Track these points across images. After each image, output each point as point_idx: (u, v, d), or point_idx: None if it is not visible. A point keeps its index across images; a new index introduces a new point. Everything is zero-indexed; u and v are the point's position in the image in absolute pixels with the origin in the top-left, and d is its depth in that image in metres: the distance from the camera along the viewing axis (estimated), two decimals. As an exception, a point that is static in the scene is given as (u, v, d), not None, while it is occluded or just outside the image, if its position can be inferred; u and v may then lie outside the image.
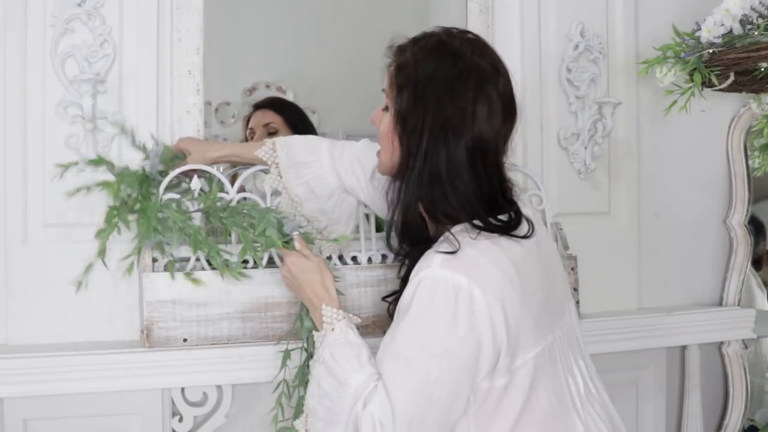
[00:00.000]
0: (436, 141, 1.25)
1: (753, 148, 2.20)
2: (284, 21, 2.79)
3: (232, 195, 1.61)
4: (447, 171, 1.25)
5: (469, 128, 1.25)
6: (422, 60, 1.28)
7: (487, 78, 1.27)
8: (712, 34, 1.66)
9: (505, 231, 1.25)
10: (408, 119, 1.27)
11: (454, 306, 1.19)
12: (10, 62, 1.57)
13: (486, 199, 1.27)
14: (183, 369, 1.56)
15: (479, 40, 1.33)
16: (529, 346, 1.25)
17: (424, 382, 1.19)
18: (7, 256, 1.57)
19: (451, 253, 1.21)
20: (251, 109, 2.43)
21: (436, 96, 1.25)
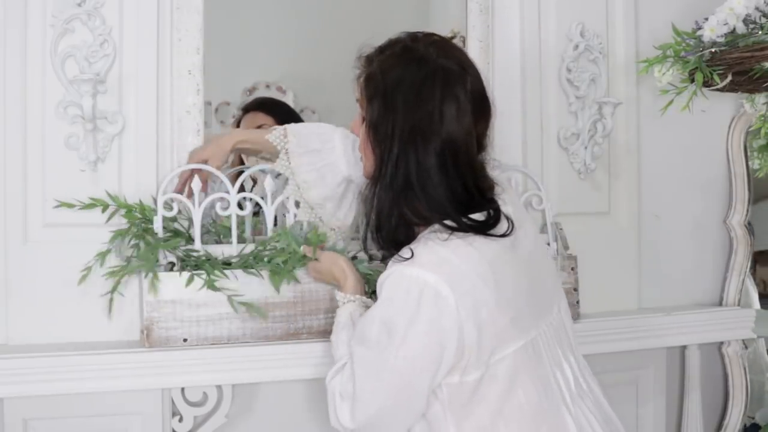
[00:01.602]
0: (406, 146, 1.28)
1: (752, 149, 2.20)
2: (284, 21, 2.79)
3: (232, 195, 1.61)
4: (417, 175, 1.28)
5: (438, 131, 1.27)
6: (388, 68, 1.31)
7: (454, 78, 1.29)
8: (715, 33, 1.65)
9: (480, 230, 1.27)
10: (379, 127, 1.30)
11: (417, 301, 1.22)
12: (10, 62, 1.57)
13: (459, 200, 1.28)
14: (183, 369, 1.56)
15: (445, 41, 1.36)
16: (508, 342, 1.26)
17: (382, 369, 1.26)
18: (7, 256, 1.57)
19: (426, 254, 1.24)
20: (240, 112, 2.43)
21: (403, 102, 1.28)
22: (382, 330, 1.26)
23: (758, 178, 2.21)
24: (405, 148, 1.28)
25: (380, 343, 1.26)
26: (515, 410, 1.28)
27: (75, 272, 1.56)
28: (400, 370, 1.25)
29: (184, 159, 1.64)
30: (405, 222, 1.32)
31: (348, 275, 1.50)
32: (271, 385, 1.67)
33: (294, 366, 1.60)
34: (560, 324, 1.37)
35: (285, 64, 2.82)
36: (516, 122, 1.90)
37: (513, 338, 1.27)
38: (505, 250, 1.28)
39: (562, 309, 1.39)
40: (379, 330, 1.26)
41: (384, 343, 1.25)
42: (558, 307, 1.38)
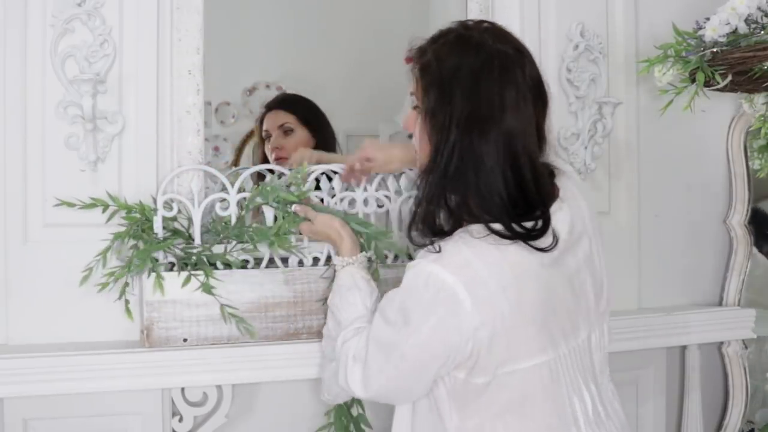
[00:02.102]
0: (464, 135, 1.24)
1: (752, 149, 2.20)
2: (284, 21, 2.79)
3: (232, 195, 1.61)
4: (473, 166, 1.25)
5: (497, 118, 1.24)
6: (444, 56, 1.28)
7: (511, 63, 1.27)
8: (716, 33, 1.65)
9: (522, 238, 1.24)
10: (436, 116, 1.27)
11: (433, 298, 1.23)
12: (10, 62, 1.57)
13: (512, 200, 1.25)
14: (183, 369, 1.56)
15: (497, 27, 1.33)
16: (521, 356, 1.25)
17: (393, 350, 1.28)
18: (7, 256, 1.57)
19: (446, 254, 1.23)
20: (263, 110, 2.42)
21: (461, 89, 1.25)
22: (398, 314, 1.28)
23: (758, 178, 2.20)
24: (462, 137, 1.24)
25: (396, 324, 1.28)
26: (519, 423, 1.28)
27: (75, 272, 1.56)
28: (408, 357, 1.27)
29: (184, 159, 1.64)
30: (450, 214, 1.29)
31: (344, 237, 1.53)
32: (271, 385, 1.67)
33: (294, 366, 1.60)
34: (585, 351, 1.33)
35: (285, 64, 2.82)
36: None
37: (527, 354, 1.26)
38: (540, 264, 1.25)
39: (594, 337, 1.36)
40: (396, 313, 1.28)
41: (398, 326, 1.27)
42: (589, 334, 1.34)
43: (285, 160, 2.26)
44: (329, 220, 1.57)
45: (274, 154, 2.32)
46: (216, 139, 2.80)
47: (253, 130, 2.84)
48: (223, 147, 2.82)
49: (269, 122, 2.37)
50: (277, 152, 2.31)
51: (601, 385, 1.37)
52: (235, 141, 2.84)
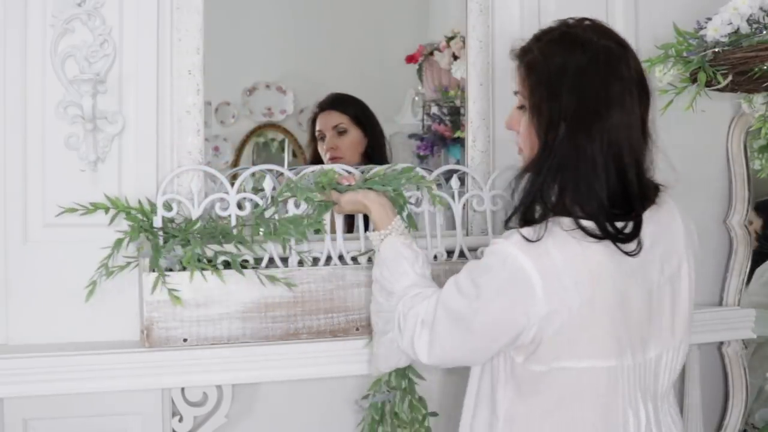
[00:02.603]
0: (571, 131, 1.25)
1: (752, 150, 2.20)
2: (284, 21, 2.78)
3: (232, 195, 1.61)
4: (579, 162, 1.25)
5: (604, 114, 1.25)
6: (550, 53, 1.30)
7: (616, 58, 1.28)
8: (718, 33, 1.65)
9: (612, 238, 1.24)
10: (544, 113, 1.28)
11: (508, 280, 1.25)
12: (10, 62, 1.57)
13: (613, 198, 1.25)
14: (183, 369, 1.56)
15: (599, 23, 1.35)
16: (579, 356, 1.26)
17: (460, 319, 1.31)
18: (7, 256, 1.57)
19: (530, 240, 1.24)
20: (315, 110, 2.44)
21: (568, 85, 1.26)
22: (472, 287, 1.30)
23: (758, 178, 2.20)
24: (570, 133, 1.25)
25: (469, 296, 1.30)
26: (567, 423, 1.29)
27: (75, 272, 1.56)
28: (476, 330, 1.30)
29: (184, 159, 1.64)
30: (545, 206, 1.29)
31: (372, 209, 1.55)
32: (271, 385, 1.67)
33: (294, 366, 1.61)
34: (650, 370, 1.33)
35: (285, 64, 2.81)
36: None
37: (587, 355, 1.26)
38: (620, 269, 1.25)
39: (665, 359, 1.34)
40: (471, 286, 1.31)
41: (471, 299, 1.30)
42: (660, 354, 1.33)
43: (340, 159, 2.28)
44: (354, 196, 1.59)
45: (329, 154, 2.34)
46: (216, 139, 2.79)
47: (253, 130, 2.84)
48: (223, 147, 2.82)
49: (323, 123, 2.39)
50: (332, 152, 2.34)
51: (661, 409, 1.36)
52: (235, 141, 2.83)
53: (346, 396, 1.74)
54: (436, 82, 2.34)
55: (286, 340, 1.60)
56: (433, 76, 2.35)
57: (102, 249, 1.56)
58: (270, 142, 2.89)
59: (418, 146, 2.44)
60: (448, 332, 1.34)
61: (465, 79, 1.90)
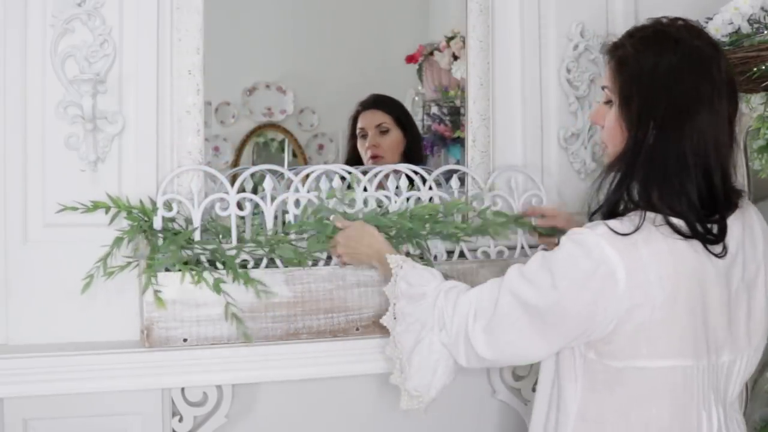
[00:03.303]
0: (659, 128, 1.25)
1: (752, 150, 2.19)
2: (284, 21, 2.78)
3: (232, 195, 1.61)
4: (667, 160, 1.25)
5: (693, 113, 1.25)
6: (643, 50, 1.29)
7: (708, 59, 1.28)
8: (719, 33, 1.65)
9: (702, 239, 1.24)
10: (634, 109, 1.28)
11: (592, 270, 1.22)
12: (10, 62, 1.57)
13: (701, 199, 1.25)
14: (183, 369, 1.56)
15: (692, 23, 1.33)
16: (659, 354, 1.25)
17: (531, 308, 1.28)
18: (7, 256, 1.57)
19: (617, 233, 1.22)
20: (358, 108, 2.44)
21: (660, 83, 1.26)
22: (546, 276, 1.27)
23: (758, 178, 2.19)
24: (658, 130, 1.25)
25: (541, 286, 1.27)
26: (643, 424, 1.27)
27: (75, 272, 1.56)
28: (546, 322, 1.27)
29: (184, 159, 1.64)
30: (631, 202, 1.29)
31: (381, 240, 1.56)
32: (271, 385, 1.67)
33: (294, 366, 1.61)
34: (723, 374, 1.31)
35: (285, 64, 2.81)
36: (516, 122, 1.90)
37: (665, 354, 1.25)
38: (704, 269, 1.25)
39: (738, 366, 1.33)
40: (544, 275, 1.28)
41: (544, 289, 1.27)
42: (734, 360, 1.32)
43: (380, 158, 2.31)
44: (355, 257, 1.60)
45: (370, 152, 2.36)
46: (216, 139, 2.79)
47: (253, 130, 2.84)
48: (223, 147, 2.82)
49: (366, 121, 2.40)
50: (374, 150, 2.35)
51: (729, 415, 1.35)
52: (235, 141, 2.83)
53: (346, 396, 1.74)
54: (436, 82, 2.34)
55: (286, 340, 1.60)
56: (433, 76, 2.35)
57: (102, 248, 1.56)
58: (270, 142, 2.88)
59: (418, 146, 2.44)
60: (512, 323, 1.30)
61: (465, 79, 1.90)
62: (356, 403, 1.74)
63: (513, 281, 1.32)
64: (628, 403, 1.28)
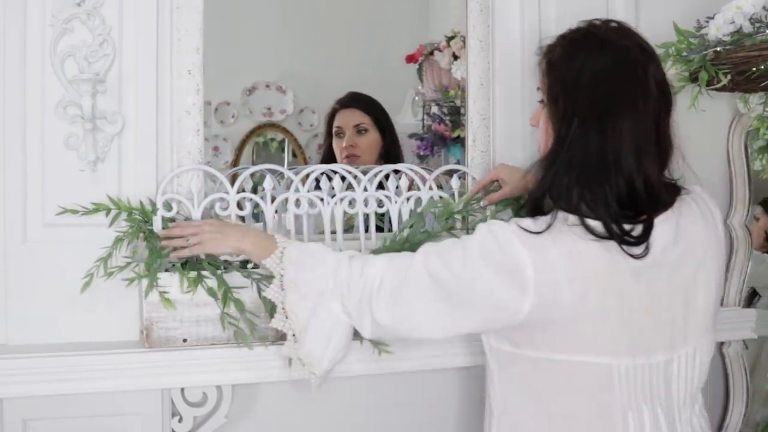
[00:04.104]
0: (583, 128, 1.27)
1: (752, 150, 2.19)
2: (284, 21, 2.78)
3: (232, 195, 1.61)
4: (588, 159, 1.26)
5: (617, 113, 1.26)
6: (571, 52, 1.32)
7: (635, 60, 1.29)
8: (720, 32, 1.64)
9: (618, 240, 1.24)
10: (560, 108, 1.30)
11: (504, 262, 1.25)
12: (10, 62, 1.56)
13: (620, 199, 1.25)
14: (183, 369, 1.56)
15: (624, 25, 1.36)
16: (574, 349, 1.26)
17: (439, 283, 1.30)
18: (6, 256, 1.57)
19: (529, 231, 1.25)
20: (336, 106, 2.43)
21: (585, 84, 1.28)
22: (459, 257, 1.29)
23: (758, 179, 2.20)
24: (582, 129, 1.27)
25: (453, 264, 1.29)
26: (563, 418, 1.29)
27: (75, 272, 1.56)
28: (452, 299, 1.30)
29: (184, 159, 1.64)
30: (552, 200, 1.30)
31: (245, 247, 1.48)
32: (271, 385, 1.67)
33: (294, 366, 1.60)
34: (659, 375, 1.31)
35: (285, 64, 2.82)
36: (516, 122, 1.89)
37: (580, 350, 1.26)
38: (620, 269, 1.25)
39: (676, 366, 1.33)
40: (458, 255, 1.30)
41: (456, 267, 1.29)
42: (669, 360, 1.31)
43: (357, 158, 2.29)
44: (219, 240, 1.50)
45: (346, 152, 2.33)
46: (216, 139, 2.79)
47: (253, 130, 2.84)
48: (222, 147, 2.82)
49: (344, 120, 2.37)
50: (350, 149, 2.33)
51: (679, 418, 1.35)
52: (234, 141, 2.83)
53: (346, 396, 1.74)
54: (436, 81, 2.34)
55: (285, 340, 1.59)
56: (433, 76, 2.35)
57: (102, 248, 1.56)
58: (270, 142, 2.89)
59: (418, 146, 2.44)
60: (418, 293, 1.32)
61: (465, 78, 1.90)
62: (356, 403, 1.74)
63: (426, 255, 1.34)
64: (546, 394, 1.29)
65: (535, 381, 1.30)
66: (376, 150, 2.32)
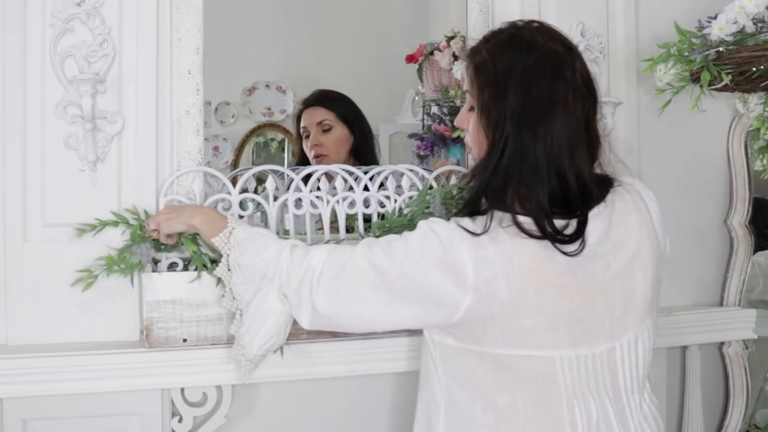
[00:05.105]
0: (516, 131, 1.28)
1: (752, 150, 2.19)
2: (284, 21, 2.79)
3: (234, 195, 1.61)
4: (520, 160, 1.27)
5: (547, 114, 1.27)
6: (498, 55, 1.32)
7: (561, 60, 1.31)
8: (723, 32, 1.64)
9: (550, 238, 1.26)
10: (491, 112, 1.31)
11: (444, 258, 1.27)
12: (10, 62, 1.56)
13: (553, 198, 1.27)
14: (183, 369, 1.56)
15: (546, 26, 1.37)
16: (515, 344, 1.27)
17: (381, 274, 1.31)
18: (6, 256, 1.57)
19: (468, 231, 1.26)
20: (300, 107, 2.42)
21: (514, 86, 1.29)
22: (402, 250, 1.31)
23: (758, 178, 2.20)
24: (515, 133, 1.28)
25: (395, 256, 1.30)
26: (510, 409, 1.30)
27: (74, 272, 1.56)
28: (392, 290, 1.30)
29: (184, 159, 1.64)
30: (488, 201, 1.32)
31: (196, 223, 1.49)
32: (271, 385, 1.67)
33: (294, 366, 1.60)
34: (602, 364, 1.32)
35: (285, 64, 2.82)
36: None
37: (521, 344, 1.27)
38: (554, 264, 1.26)
39: (619, 355, 1.34)
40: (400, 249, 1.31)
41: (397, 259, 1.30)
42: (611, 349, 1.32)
43: (325, 157, 2.27)
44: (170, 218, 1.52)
45: (313, 152, 2.32)
46: (216, 139, 2.80)
47: (253, 130, 2.84)
48: (222, 147, 2.82)
49: (307, 119, 2.36)
50: (317, 149, 2.32)
51: (628, 404, 1.35)
52: (234, 141, 2.84)
53: (346, 396, 1.74)
54: (436, 81, 2.34)
55: (286, 341, 1.60)
56: (433, 75, 2.35)
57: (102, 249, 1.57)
58: (269, 142, 2.89)
59: (418, 146, 2.43)
60: (358, 284, 1.33)
61: (465, 78, 1.90)
62: (356, 403, 1.74)
63: (369, 245, 1.35)
64: (492, 387, 1.30)
65: (480, 374, 1.31)
66: (344, 146, 2.31)
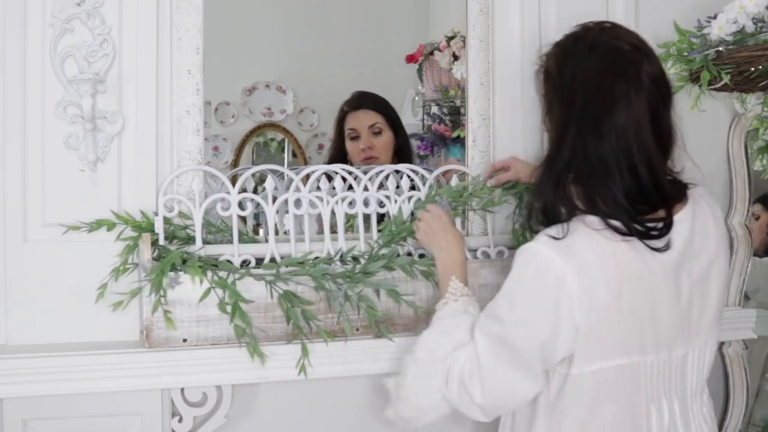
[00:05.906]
0: (580, 130, 1.29)
1: (752, 150, 2.19)
2: (284, 21, 2.78)
3: (233, 195, 1.61)
4: (589, 160, 1.28)
5: (609, 111, 1.28)
6: (563, 59, 1.36)
7: (623, 58, 1.31)
8: (723, 32, 1.64)
9: (641, 236, 1.26)
10: (556, 113, 1.34)
11: (543, 282, 1.25)
12: (10, 62, 1.56)
13: (630, 196, 1.27)
14: (183, 369, 1.56)
15: (616, 25, 1.39)
16: (607, 354, 1.27)
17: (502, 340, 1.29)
18: (6, 256, 1.57)
19: (556, 238, 1.26)
20: (345, 108, 2.41)
21: (577, 88, 1.31)
22: (504, 302, 1.31)
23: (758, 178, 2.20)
24: (579, 132, 1.29)
25: (500, 312, 1.31)
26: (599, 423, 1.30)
27: (75, 272, 1.56)
28: (517, 346, 1.28)
29: (184, 159, 1.64)
30: (567, 205, 1.32)
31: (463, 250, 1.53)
32: (271, 385, 1.67)
33: (294, 366, 1.60)
34: (677, 368, 1.34)
35: (285, 64, 2.82)
36: (516, 122, 1.89)
37: (612, 353, 1.28)
38: (648, 268, 1.27)
39: (692, 358, 1.36)
40: (502, 301, 1.32)
41: (504, 313, 1.30)
42: (686, 353, 1.35)
43: (375, 159, 2.28)
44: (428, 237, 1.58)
45: (364, 154, 2.32)
46: (216, 139, 2.79)
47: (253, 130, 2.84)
48: (222, 147, 2.82)
49: (358, 122, 2.36)
50: (369, 152, 2.32)
51: (691, 406, 1.38)
52: (234, 141, 2.84)
53: (346, 396, 1.73)
54: (436, 81, 2.34)
55: (286, 340, 1.60)
56: (433, 75, 2.35)
57: (101, 249, 1.56)
58: (270, 142, 2.89)
59: (418, 146, 2.44)
60: (494, 362, 1.30)
61: (465, 78, 1.90)
62: (356, 403, 1.74)
63: (480, 319, 1.36)
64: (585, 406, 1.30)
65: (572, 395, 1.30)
66: (390, 149, 2.33)
